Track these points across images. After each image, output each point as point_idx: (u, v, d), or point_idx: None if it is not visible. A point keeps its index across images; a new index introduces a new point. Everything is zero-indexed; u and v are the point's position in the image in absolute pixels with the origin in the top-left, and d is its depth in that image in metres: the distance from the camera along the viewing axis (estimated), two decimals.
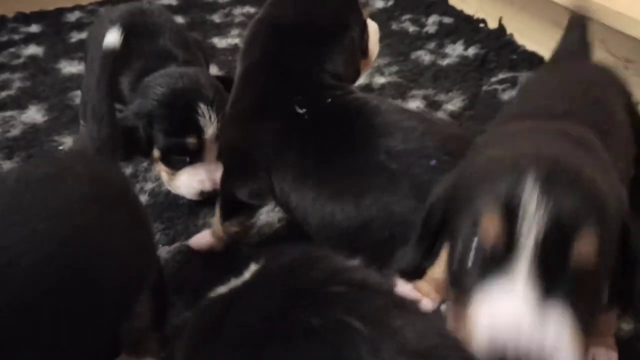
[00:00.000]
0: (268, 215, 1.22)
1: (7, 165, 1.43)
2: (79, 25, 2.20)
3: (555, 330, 0.55)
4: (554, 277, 0.56)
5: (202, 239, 1.13)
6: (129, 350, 0.89)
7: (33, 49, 2.03)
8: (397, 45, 1.88)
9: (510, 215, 0.57)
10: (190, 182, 1.20)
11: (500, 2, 1.88)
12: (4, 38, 2.14)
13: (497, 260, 0.58)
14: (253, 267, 0.69)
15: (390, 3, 2.18)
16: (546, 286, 0.56)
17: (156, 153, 1.21)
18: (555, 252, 0.56)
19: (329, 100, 0.95)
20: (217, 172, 1.16)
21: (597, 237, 0.57)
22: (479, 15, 1.99)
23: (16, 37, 2.14)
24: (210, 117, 1.18)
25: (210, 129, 1.18)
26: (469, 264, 0.60)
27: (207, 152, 1.21)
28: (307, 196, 0.88)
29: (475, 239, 0.59)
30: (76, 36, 2.11)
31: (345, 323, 0.53)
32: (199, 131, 1.18)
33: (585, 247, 0.56)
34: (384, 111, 0.92)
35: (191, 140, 1.18)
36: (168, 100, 1.19)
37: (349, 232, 0.85)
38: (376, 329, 0.53)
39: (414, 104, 1.56)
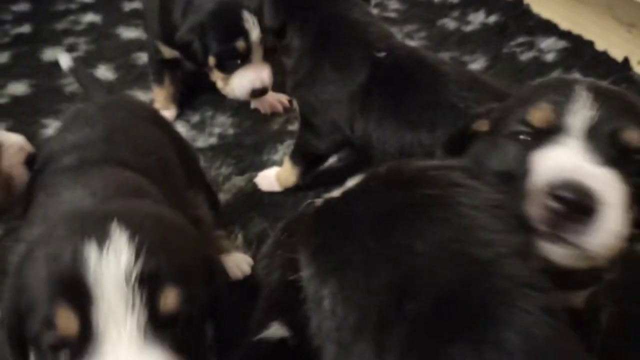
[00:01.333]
0: None
1: None
2: None
3: (607, 181, 0.63)
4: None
5: (266, 179, 1.34)
6: None
7: (91, 17, 2.23)
8: (423, 14, 2.07)
9: None
10: (242, 82, 1.40)
11: None
12: (61, 7, 2.34)
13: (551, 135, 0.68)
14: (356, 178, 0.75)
15: None
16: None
17: (211, 60, 1.40)
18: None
19: (399, 47, 1.16)
20: (265, 71, 1.39)
21: None
22: None
23: (72, 6, 2.34)
24: (253, 22, 1.36)
25: (254, 32, 1.37)
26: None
27: (255, 54, 1.40)
28: (389, 131, 1.09)
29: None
30: (128, 6, 2.31)
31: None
32: (245, 35, 1.37)
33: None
34: (443, 62, 1.13)
35: (240, 44, 1.37)
36: (217, 12, 1.38)
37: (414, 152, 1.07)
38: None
39: None
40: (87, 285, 0.56)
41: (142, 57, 1.91)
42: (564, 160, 0.65)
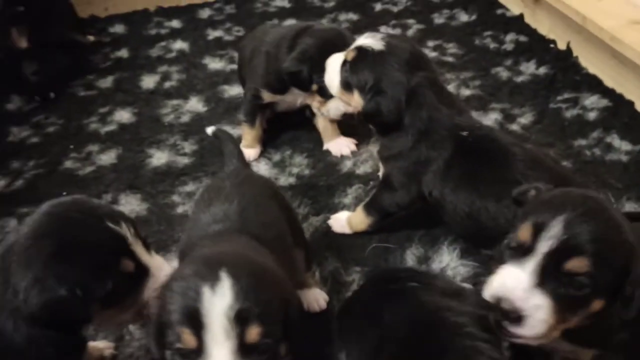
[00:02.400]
0: None
1: (186, 145, 1.93)
2: (211, 23, 2.66)
3: (536, 305, 0.90)
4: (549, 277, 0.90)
5: (338, 222, 1.58)
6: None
7: (180, 44, 2.51)
8: (479, 60, 2.28)
9: None
10: (337, 105, 1.66)
11: (570, 28, 2.25)
12: (153, 32, 2.63)
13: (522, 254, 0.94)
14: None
15: (473, 17, 2.56)
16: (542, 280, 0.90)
17: (314, 87, 1.65)
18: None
19: (477, 126, 1.40)
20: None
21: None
22: (550, 36, 2.36)
23: (162, 31, 2.63)
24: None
25: None
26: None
27: None
28: (461, 198, 1.34)
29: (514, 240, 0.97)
30: (212, 33, 2.58)
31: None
32: None
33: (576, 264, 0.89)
34: (514, 143, 1.36)
35: None
36: (321, 45, 1.63)
37: (486, 223, 1.31)
38: None
39: (493, 116, 1.97)
40: (202, 316, 0.82)
41: (227, 91, 2.19)
42: (507, 279, 0.94)
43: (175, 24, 2.68)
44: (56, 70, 2.32)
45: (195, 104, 2.13)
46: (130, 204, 1.70)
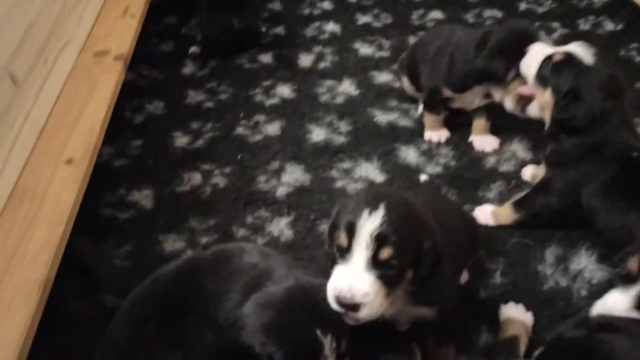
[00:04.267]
0: None
1: (341, 124, 2.14)
2: (360, 8, 2.84)
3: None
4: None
5: (483, 213, 1.74)
6: None
7: (332, 26, 2.71)
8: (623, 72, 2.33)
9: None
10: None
11: None
12: (306, 11, 2.84)
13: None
14: None
15: (619, 27, 2.59)
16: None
17: (511, 75, 1.76)
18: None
19: None
20: None
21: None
22: None
23: (315, 12, 2.83)
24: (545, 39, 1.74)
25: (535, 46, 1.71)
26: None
27: None
28: (616, 211, 1.49)
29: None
30: (361, 18, 2.76)
31: None
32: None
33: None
34: None
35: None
36: (510, 33, 1.78)
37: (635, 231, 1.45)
38: None
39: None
40: (356, 229, 1.08)
41: (377, 77, 2.37)
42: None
43: (327, 5, 2.87)
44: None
45: (348, 87, 2.33)
46: (296, 174, 1.94)
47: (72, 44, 1.94)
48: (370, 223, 1.08)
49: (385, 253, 1.08)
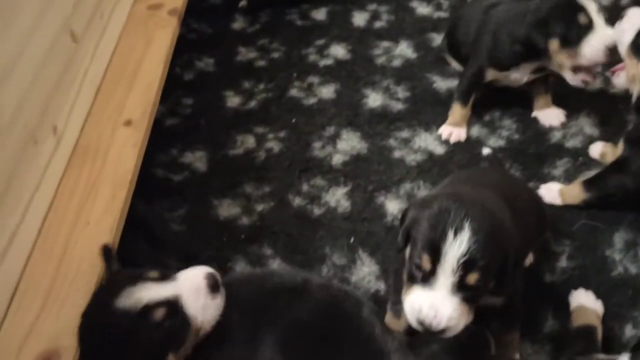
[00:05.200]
0: None
1: (399, 90, 2.06)
2: None
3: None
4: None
5: (550, 192, 1.67)
6: None
7: None
8: None
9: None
10: (594, 45, 1.62)
11: None
12: None
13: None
14: None
15: None
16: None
17: (554, 44, 1.67)
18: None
19: None
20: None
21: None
22: None
23: None
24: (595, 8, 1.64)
25: (592, 5, 1.64)
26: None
27: (597, 22, 1.64)
28: None
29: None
30: None
31: None
32: (584, 10, 1.63)
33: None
34: None
35: (582, 18, 1.62)
36: (554, 6, 1.66)
37: None
38: None
39: None
40: (441, 253, 1.03)
41: (436, 39, 2.26)
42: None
43: None
44: None
45: (405, 49, 2.23)
46: (352, 141, 1.88)
47: None
48: (456, 248, 1.03)
49: (473, 278, 1.04)
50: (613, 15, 1.64)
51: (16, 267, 1.17)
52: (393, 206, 1.68)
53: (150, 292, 1.04)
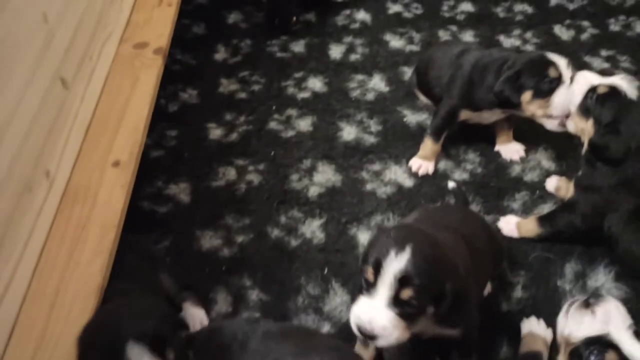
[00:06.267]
0: None
1: (372, 123, 2.19)
2: None
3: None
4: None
5: (508, 225, 1.82)
6: None
7: (363, 15, 2.71)
8: None
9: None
10: (563, 97, 1.75)
11: None
12: None
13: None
14: None
15: None
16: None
17: (527, 96, 1.79)
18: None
19: None
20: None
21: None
22: None
23: None
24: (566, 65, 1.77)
25: (562, 61, 1.77)
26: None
27: (566, 77, 1.77)
28: (637, 239, 1.58)
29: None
30: (392, 8, 2.75)
31: None
32: (554, 64, 1.77)
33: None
34: None
35: (552, 71, 1.76)
36: (528, 61, 1.80)
37: None
38: None
39: None
40: (382, 268, 1.16)
41: (407, 73, 2.39)
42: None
43: None
44: None
45: (379, 83, 2.36)
46: (327, 174, 2.01)
47: (113, 36, 1.97)
48: (395, 264, 1.16)
49: (406, 294, 1.17)
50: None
51: (12, 311, 1.26)
52: (364, 237, 1.81)
53: None
